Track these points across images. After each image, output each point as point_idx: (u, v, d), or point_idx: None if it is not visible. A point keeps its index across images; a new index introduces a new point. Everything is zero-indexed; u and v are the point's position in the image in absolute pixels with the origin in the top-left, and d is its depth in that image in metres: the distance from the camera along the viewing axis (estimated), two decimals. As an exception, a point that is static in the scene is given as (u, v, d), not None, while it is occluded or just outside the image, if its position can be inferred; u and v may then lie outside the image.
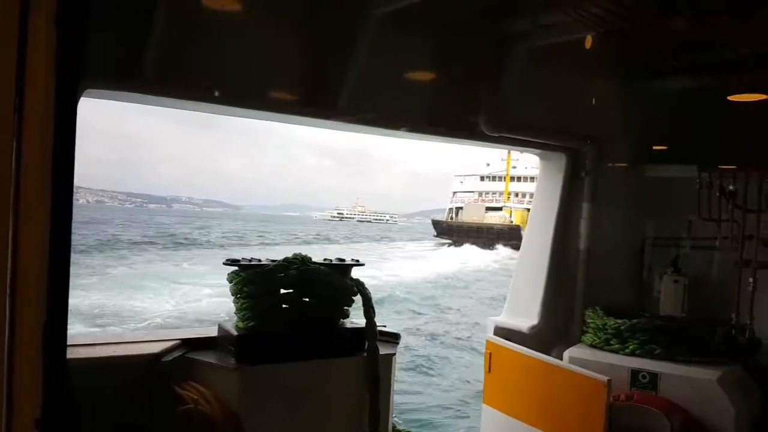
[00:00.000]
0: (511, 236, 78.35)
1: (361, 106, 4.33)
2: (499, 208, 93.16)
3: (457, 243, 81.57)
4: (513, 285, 6.11)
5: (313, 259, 3.84)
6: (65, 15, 1.10)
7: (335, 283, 3.81)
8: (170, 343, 3.53)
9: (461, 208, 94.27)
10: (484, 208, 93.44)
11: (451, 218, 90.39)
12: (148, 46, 3.36)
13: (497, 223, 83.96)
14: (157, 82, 3.51)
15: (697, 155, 5.56)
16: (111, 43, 3.18)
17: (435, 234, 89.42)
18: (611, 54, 5.05)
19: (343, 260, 4.01)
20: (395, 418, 4.42)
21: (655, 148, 6.02)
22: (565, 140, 5.70)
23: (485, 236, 79.97)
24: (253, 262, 3.68)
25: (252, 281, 3.58)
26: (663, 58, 5.20)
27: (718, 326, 5.07)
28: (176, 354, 3.50)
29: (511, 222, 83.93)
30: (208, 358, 3.52)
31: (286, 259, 3.74)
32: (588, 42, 4.32)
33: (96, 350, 3.32)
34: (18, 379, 1.06)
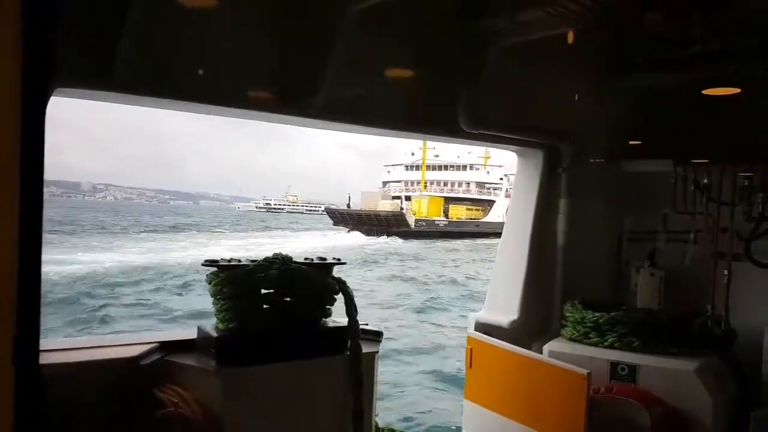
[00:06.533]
0: (398, 223, 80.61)
1: (338, 104, 4.30)
2: (399, 197, 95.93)
3: (352, 231, 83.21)
4: (492, 281, 6.14)
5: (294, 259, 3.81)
6: (30, 14, 1.06)
7: (317, 282, 3.77)
8: (148, 346, 3.47)
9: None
10: (379, 197, 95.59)
11: (348, 206, 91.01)
12: (120, 44, 3.29)
13: (383, 210, 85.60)
14: (129, 81, 3.43)
15: (672, 149, 5.63)
16: (81, 41, 3.11)
17: (333, 223, 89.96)
18: (588, 50, 5.09)
19: (324, 259, 3.98)
20: (377, 417, 4.41)
21: (631, 143, 6.08)
22: (541, 136, 5.73)
23: (376, 224, 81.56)
24: (232, 263, 3.64)
25: (231, 282, 3.52)
26: (639, 54, 5.26)
27: (695, 318, 5.14)
28: (155, 357, 3.44)
29: (401, 209, 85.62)
30: (188, 360, 3.47)
31: (266, 259, 3.69)
32: (570, 37, 4.35)
33: (72, 355, 3.25)
34: None
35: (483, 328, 5.51)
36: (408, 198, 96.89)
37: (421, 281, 36.76)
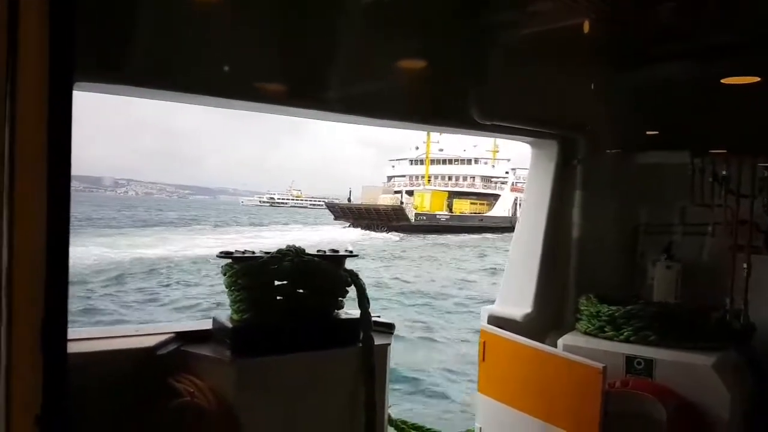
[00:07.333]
0: (397, 217, 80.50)
1: (349, 96, 4.30)
2: (400, 192, 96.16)
3: (353, 225, 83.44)
4: (506, 273, 6.12)
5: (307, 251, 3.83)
6: (57, 6, 1.07)
7: (329, 274, 3.79)
8: (165, 336, 3.51)
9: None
10: (380, 191, 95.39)
11: (349, 200, 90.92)
12: (135, 38, 3.31)
13: (383, 204, 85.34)
14: (145, 75, 3.45)
15: (690, 140, 5.57)
16: (97, 35, 3.13)
17: (334, 218, 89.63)
18: (603, 40, 5.04)
19: (337, 251, 3.99)
20: (389, 409, 4.42)
21: (647, 134, 6.02)
22: (556, 128, 5.69)
23: (376, 218, 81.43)
24: (246, 254, 3.66)
25: (246, 273, 3.55)
26: (655, 44, 5.19)
27: (713, 312, 5.08)
28: (171, 347, 3.48)
29: (401, 204, 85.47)
30: (204, 350, 3.51)
31: (279, 251, 3.72)
32: (586, 27, 4.31)
33: (90, 345, 3.30)
34: (17, 376, 1.04)
35: (496, 321, 5.48)
36: (410, 192, 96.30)
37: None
